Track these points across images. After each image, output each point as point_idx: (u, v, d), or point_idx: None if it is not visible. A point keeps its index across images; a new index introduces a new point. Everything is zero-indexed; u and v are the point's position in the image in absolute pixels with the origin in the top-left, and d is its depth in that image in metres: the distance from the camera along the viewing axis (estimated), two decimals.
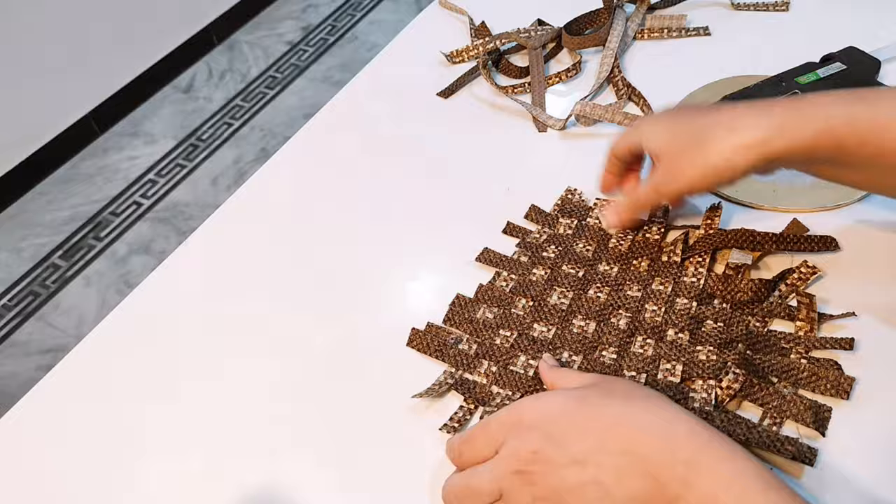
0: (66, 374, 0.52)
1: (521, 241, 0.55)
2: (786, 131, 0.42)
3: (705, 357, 0.45)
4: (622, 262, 0.52)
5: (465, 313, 0.51)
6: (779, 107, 0.43)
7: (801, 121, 0.42)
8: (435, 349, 0.49)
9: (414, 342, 0.49)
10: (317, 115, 0.70)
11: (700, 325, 0.47)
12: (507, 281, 0.52)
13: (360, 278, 0.55)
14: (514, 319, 0.50)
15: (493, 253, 0.54)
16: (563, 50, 0.74)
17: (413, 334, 0.50)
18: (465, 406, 0.46)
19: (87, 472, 0.46)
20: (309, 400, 0.48)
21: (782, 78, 0.59)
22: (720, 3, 0.75)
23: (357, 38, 2.21)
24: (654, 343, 0.47)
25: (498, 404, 0.45)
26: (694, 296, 0.49)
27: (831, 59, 0.60)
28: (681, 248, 0.51)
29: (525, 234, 0.55)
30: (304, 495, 0.43)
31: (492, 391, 0.46)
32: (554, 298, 0.50)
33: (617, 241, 0.53)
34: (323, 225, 0.60)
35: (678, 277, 0.50)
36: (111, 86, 1.96)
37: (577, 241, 0.54)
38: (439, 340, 0.49)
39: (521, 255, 0.54)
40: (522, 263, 0.53)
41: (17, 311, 1.59)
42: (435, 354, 0.48)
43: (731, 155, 0.43)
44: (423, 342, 0.49)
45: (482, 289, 0.52)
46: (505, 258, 0.54)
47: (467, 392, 0.46)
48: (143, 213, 1.77)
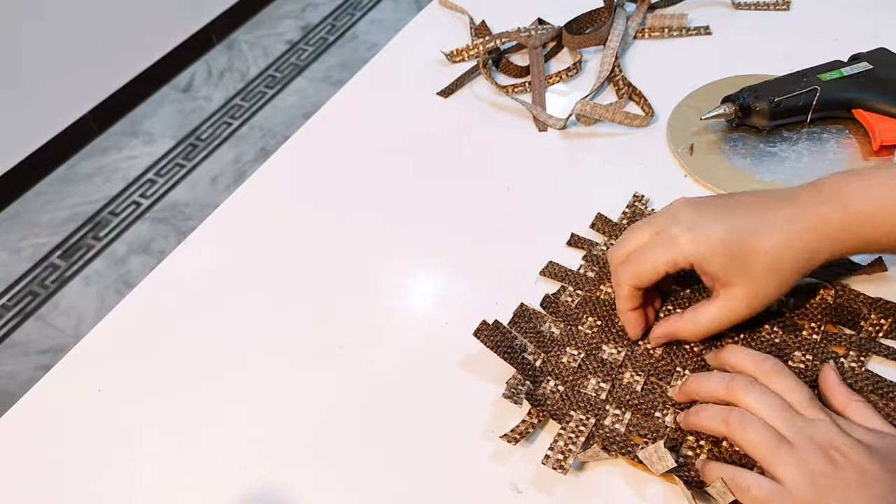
0: (65, 374, 0.52)
1: (586, 254, 0.52)
2: (824, 250, 0.43)
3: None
4: (699, 281, 0.48)
5: (529, 324, 0.48)
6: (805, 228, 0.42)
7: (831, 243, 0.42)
8: (503, 348, 0.46)
9: (482, 335, 0.46)
10: (316, 114, 0.70)
11: (784, 355, 0.44)
12: (572, 297, 0.50)
13: (360, 278, 0.55)
14: (581, 338, 0.48)
15: (557, 266, 0.52)
16: (564, 49, 0.73)
17: (482, 326, 0.46)
18: (527, 420, 0.44)
19: (86, 471, 0.46)
20: (309, 400, 0.48)
21: (804, 74, 0.59)
22: (721, 3, 0.75)
23: (357, 37, 2.21)
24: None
25: (573, 428, 0.43)
26: (779, 322, 0.46)
27: (859, 59, 0.60)
28: None
29: (591, 245, 0.53)
30: (304, 495, 0.43)
31: (567, 411, 0.44)
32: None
33: None
34: (322, 224, 0.59)
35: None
36: (110, 85, 1.96)
37: None
38: (507, 341, 0.46)
39: (587, 270, 0.51)
40: (589, 279, 0.51)
41: (17, 311, 1.58)
42: (503, 354, 0.46)
43: (797, 275, 0.43)
44: (492, 337, 0.46)
45: (547, 300, 0.50)
46: (571, 272, 0.51)
47: (538, 404, 0.44)
48: (142, 212, 1.77)
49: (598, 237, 0.54)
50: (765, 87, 0.59)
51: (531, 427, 0.44)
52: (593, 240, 0.54)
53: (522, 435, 0.43)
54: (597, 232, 0.54)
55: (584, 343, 0.47)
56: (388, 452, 0.44)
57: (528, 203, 0.58)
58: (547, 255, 0.53)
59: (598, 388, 0.45)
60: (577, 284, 0.51)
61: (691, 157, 0.59)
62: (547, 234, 0.55)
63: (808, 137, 0.59)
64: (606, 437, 0.43)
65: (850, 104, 0.58)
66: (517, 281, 0.52)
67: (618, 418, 0.43)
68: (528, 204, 0.58)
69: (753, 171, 0.57)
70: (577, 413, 0.44)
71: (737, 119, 0.59)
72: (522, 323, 0.49)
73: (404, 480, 0.43)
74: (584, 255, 0.53)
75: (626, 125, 0.63)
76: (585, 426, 0.43)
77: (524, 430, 0.43)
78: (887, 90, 0.57)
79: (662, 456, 0.39)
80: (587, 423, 0.43)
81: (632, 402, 0.44)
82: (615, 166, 0.60)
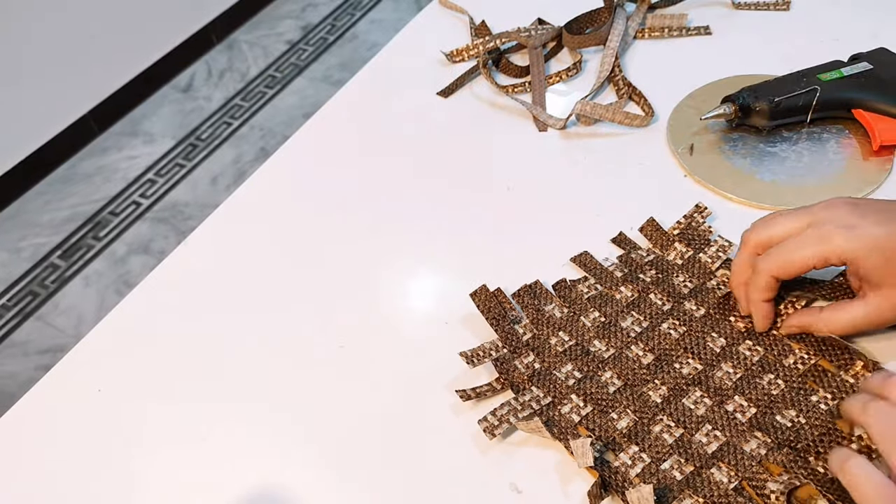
0: (65, 374, 0.52)
1: (624, 255, 0.52)
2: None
3: (755, 446, 0.40)
4: (715, 309, 0.48)
5: (535, 300, 0.50)
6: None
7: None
8: (494, 314, 0.48)
9: (478, 297, 0.49)
10: (316, 114, 0.70)
11: (773, 412, 0.42)
12: (589, 289, 0.50)
13: (360, 277, 0.55)
14: (578, 328, 0.48)
15: (589, 257, 0.52)
16: (564, 49, 0.73)
17: (481, 289, 0.49)
18: (492, 384, 0.45)
19: (86, 471, 0.46)
20: (310, 399, 0.48)
21: (804, 74, 0.59)
22: (721, 3, 0.75)
23: (357, 37, 2.21)
24: (711, 405, 0.43)
25: (526, 402, 0.44)
26: (786, 376, 0.43)
27: (859, 59, 0.60)
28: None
29: (633, 248, 0.53)
30: (304, 495, 0.43)
31: (529, 387, 0.45)
32: (627, 322, 0.48)
33: (717, 286, 0.49)
34: (322, 224, 0.59)
35: (776, 352, 0.45)
36: (110, 85, 1.96)
37: (681, 272, 0.50)
38: (501, 309, 0.49)
39: (616, 269, 0.51)
40: (615, 277, 0.51)
41: (17, 311, 1.58)
42: (491, 319, 0.48)
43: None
44: (486, 302, 0.49)
45: (561, 285, 0.51)
46: (600, 266, 0.51)
47: (503, 372, 0.46)
48: (142, 212, 1.77)
49: (643, 241, 0.53)
50: (765, 87, 0.59)
51: (491, 391, 0.45)
52: (638, 243, 0.53)
53: (479, 395, 0.44)
54: (644, 236, 0.54)
55: (578, 332, 0.48)
56: (387, 452, 0.44)
57: (527, 203, 0.58)
58: (547, 254, 0.53)
59: (570, 374, 0.46)
60: (601, 279, 0.51)
61: (691, 157, 0.59)
62: (547, 234, 0.55)
63: (808, 137, 0.59)
64: (554, 420, 0.43)
65: (850, 104, 0.58)
66: (517, 281, 0.52)
67: (577, 409, 0.44)
68: (527, 204, 0.58)
69: (753, 171, 0.57)
70: (536, 389, 0.45)
71: (737, 119, 0.59)
72: (527, 297, 0.50)
73: (404, 480, 0.43)
74: (619, 256, 0.52)
75: (626, 125, 0.63)
76: (538, 403, 0.44)
77: (483, 391, 0.44)
78: (887, 90, 0.57)
79: (586, 452, 0.40)
80: (541, 401, 0.44)
81: (599, 399, 0.44)
82: (615, 166, 0.60)
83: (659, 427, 0.42)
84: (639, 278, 0.50)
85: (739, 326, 0.46)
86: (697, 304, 0.48)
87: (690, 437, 0.42)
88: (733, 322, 0.47)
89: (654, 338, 0.47)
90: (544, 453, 0.43)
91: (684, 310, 0.48)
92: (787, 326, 0.45)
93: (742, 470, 0.40)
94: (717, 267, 0.50)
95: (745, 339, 0.46)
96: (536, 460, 0.42)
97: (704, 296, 0.48)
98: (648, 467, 0.41)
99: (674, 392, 0.44)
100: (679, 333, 0.47)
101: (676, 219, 0.54)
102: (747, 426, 0.42)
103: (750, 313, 0.46)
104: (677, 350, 0.46)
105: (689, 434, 0.42)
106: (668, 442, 0.42)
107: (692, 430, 0.42)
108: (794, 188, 0.55)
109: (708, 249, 0.51)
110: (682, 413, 0.43)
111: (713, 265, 0.50)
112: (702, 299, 0.48)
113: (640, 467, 0.41)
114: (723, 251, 0.50)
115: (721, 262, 0.50)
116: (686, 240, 0.52)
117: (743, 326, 0.46)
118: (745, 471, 0.40)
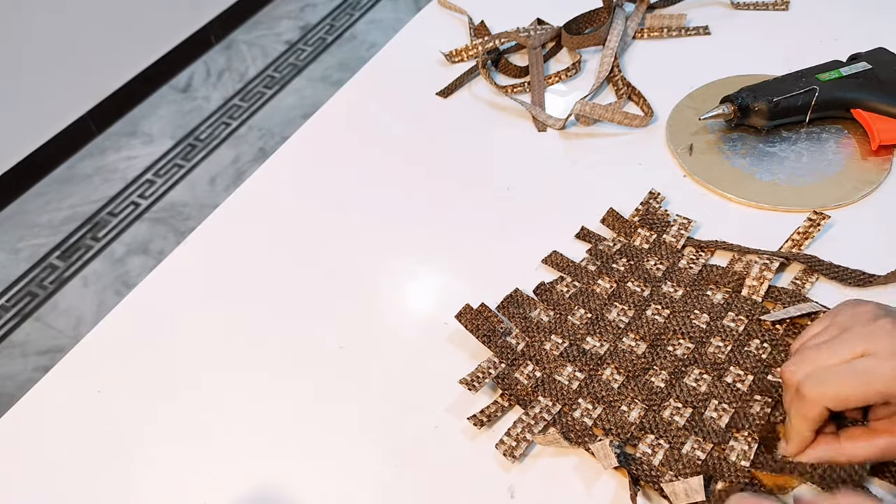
0: (64, 375, 0.52)
1: (592, 248, 0.53)
2: None
3: (759, 409, 0.42)
4: (691, 286, 0.49)
5: (519, 309, 0.49)
6: None
7: None
8: (483, 332, 0.47)
9: (464, 318, 0.48)
10: (315, 114, 0.70)
11: (768, 371, 0.44)
12: (568, 287, 0.51)
13: (359, 278, 0.55)
14: (568, 328, 0.48)
15: (560, 256, 0.52)
16: (563, 49, 0.73)
17: (465, 309, 0.48)
18: (499, 402, 0.45)
19: (85, 472, 0.46)
20: (310, 399, 0.48)
21: (803, 74, 0.59)
22: (720, 3, 0.75)
23: (355, 37, 2.21)
24: (711, 381, 0.44)
25: (537, 414, 0.44)
26: (770, 339, 0.45)
27: (858, 59, 0.60)
28: (765, 288, 0.48)
29: (599, 240, 0.54)
30: (304, 496, 0.43)
31: (536, 397, 0.45)
32: (613, 314, 0.48)
33: (688, 264, 0.51)
34: (321, 225, 0.59)
35: (756, 316, 0.47)
36: (109, 86, 1.96)
37: (650, 256, 0.51)
38: (490, 324, 0.48)
39: (589, 263, 0.52)
40: (589, 272, 0.51)
41: (15, 312, 1.58)
42: (482, 337, 0.47)
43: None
44: (473, 320, 0.48)
45: (542, 288, 0.51)
46: (572, 263, 0.52)
47: (507, 388, 0.45)
48: (140, 213, 1.77)
49: (607, 233, 0.55)
50: (764, 87, 0.59)
51: (500, 410, 0.44)
52: (602, 235, 0.54)
53: (490, 418, 0.44)
54: (607, 227, 0.55)
55: (570, 332, 0.48)
56: (387, 452, 0.44)
57: (527, 203, 0.58)
58: (546, 254, 0.53)
59: (573, 376, 0.46)
60: (576, 276, 0.51)
61: (690, 157, 0.59)
62: (546, 233, 0.55)
63: (807, 137, 0.59)
64: (568, 426, 0.43)
65: (848, 104, 0.58)
66: (517, 281, 0.52)
67: (588, 412, 0.44)
68: (527, 204, 0.58)
69: (753, 170, 0.57)
70: (544, 399, 0.45)
71: (736, 119, 0.59)
72: (511, 307, 0.50)
73: (404, 480, 0.43)
74: (588, 249, 0.53)
75: (626, 125, 0.63)
76: (549, 413, 0.44)
77: (492, 413, 0.44)
78: (886, 90, 0.57)
79: (608, 454, 0.40)
80: (552, 410, 0.44)
81: (606, 398, 0.44)
82: (614, 166, 0.60)
83: (668, 411, 0.43)
84: (612, 268, 0.51)
85: (718, 299, 0.48)
86: (674, 285, 0.50)
87: (701, 415, 0.43)
88: (710, 296, 0.49)
89: (643, 325, 0.48)
90: (544, 452, 0.43)
91: (663, 293, 0.49)
92: (809, 457, 0.40)
93: (754, 431, 0.41)
94: (682, 245, 0.52)
95: (728, 311, 0.47)
96: (537, 463, 0.42)
97: (679, 276, 0.50)
98: (670, 453, 0.41)
99: (674, 375, 0.45)
100: (664, 317, 0.48)
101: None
102: (748, 393, 0.43)
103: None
104: (667, 333, 0.47)
105: (698, 413, 0.43)
106: (679, 424, 0.42)
107: (701, 408, 0.43)
108: (793, 188, 0.55)
109: (670, 230, 0.53)
110: (687, 393, 0.44)
111: (678, 244, 0.52)
112: (677, 280, 0.50)
113: (662, 453, 0.41)
114: (684, 228, 0.52)
115: (684, 240, 0.52)
116: (648, 224, 0.54)
117: (721, 299, 0.48)
118: (757, 431, 0.41)
